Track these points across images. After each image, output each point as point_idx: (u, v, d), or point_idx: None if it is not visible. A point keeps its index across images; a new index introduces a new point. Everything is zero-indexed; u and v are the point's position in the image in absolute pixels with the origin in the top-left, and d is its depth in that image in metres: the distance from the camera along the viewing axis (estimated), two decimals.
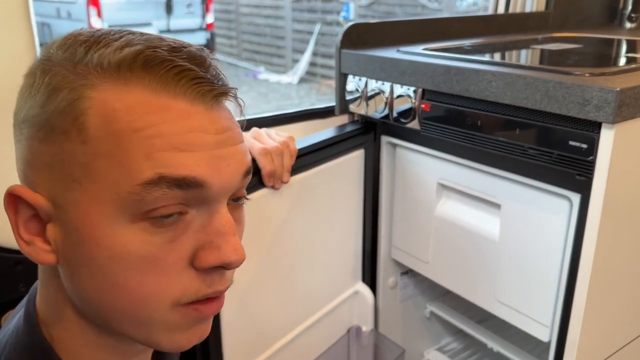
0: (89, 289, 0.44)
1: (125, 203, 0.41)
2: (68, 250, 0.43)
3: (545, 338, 0.93)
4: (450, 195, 1.07)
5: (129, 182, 0.41)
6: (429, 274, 1.14)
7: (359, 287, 1.20)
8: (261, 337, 0.99)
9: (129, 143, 0.41)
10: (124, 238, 0.42)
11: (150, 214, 0.41)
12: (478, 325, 1.25)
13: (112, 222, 0.41)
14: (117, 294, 0.43)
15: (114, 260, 0.42)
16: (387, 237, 1.22)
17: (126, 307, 0.44)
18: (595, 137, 0.74)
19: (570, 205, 0.84)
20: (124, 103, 0.41)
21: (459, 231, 1.04)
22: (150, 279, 0.43)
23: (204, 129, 0.43)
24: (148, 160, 0.41)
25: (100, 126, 0.41)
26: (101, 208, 0.41)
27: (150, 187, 0.41)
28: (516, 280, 0.95)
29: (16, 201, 0.43)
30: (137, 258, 0.42)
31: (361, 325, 1.21)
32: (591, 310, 0.84)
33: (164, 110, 0.42)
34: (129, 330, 0.46)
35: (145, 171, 0.40)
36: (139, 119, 0.41)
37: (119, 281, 0.42)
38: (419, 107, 0.97)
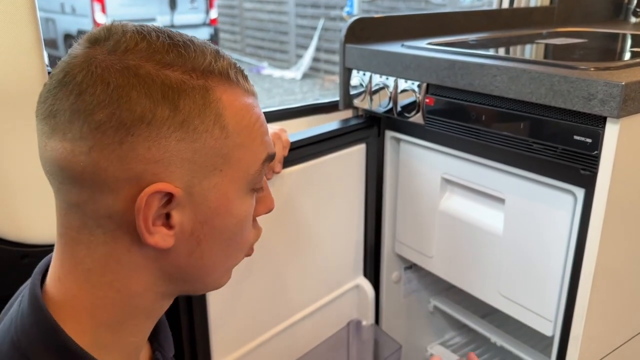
0: (209, 253, 0.54)
1: (252, 178, 0.54)
2: (196, 227, 0.51)
3: (548, 332, 0.93)
4: (454, 189, 1.07)
5: (256, 162, 0.53)
6: (433, 268, 1.14)
7: (360, 282, 1.20)
8: (253, 323, 0.99)
9: (253, 133, 0.53)
10: (246, 206, 0.54)
11: (257, 185, 0.55)
12: (481, 319, 1.25)
13: (241, 196, 0.53)
14: (233, 248, 0.56)
15: (238, 223, 0.54)
16: (391, 232, 1.22)
17: (232, 257, 0.57)
18: (600, 132, 0.74)
19: (575, 200, 0.84)
20: (241, 103, 0.52)
21: (462, 226, 1.04)
22: (250, 231, 0.57)
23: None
24: (262, 144, 0.54)
25: (236, 123, 0.51)
26: (236, 186, 0.52)
27: (264, 165, 0.55)
28: (520, 275, 0.95)
29: (151, 198, 0.48)
30: (248, 218, 0.55)
31: (361, 320, 1.21)
32: (595, 305, 0.84)
33: (255, 106, 0.54)
34: (212, 280, 0.58)
35: (263, 152, 0.54)
36: (252, 114, 0.53)
37: (237, 238, 0.55)
38: (423, 102, 0.97)
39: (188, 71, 0.49)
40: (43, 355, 0.50)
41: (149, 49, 0.48)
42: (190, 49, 0.50)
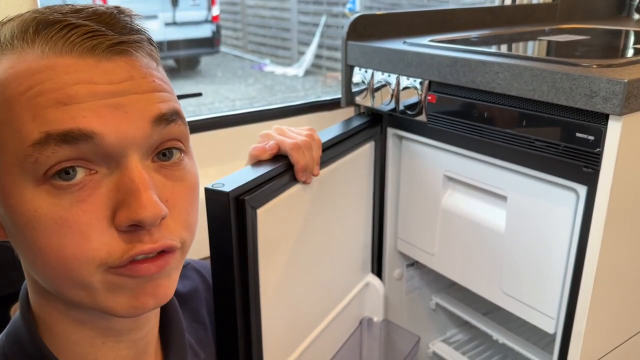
0: (25, 256, 0.45)
1: (24, 167, 0.41)
2: (3, 219, 0.44)
3: (551, 330, 0.93)
4: (456, 187, 1.07)
5: (22, 145, 0.41)
6: (435, 266, 1.14)
7: (370, 279, 1.20)
8: (294, 335, 0.97)
9: (17, 107, 0.41)
10: (33, 202, 0.42)
11: (49, 174, 0.41)
12: (483, 317, 1.25)
13: (20, 188, 0.42)
14: (44, 258, 0.43)
15: (31, 225, 0.42)
16: (393, 229, 1.22)
17: (56, 270, 0.43)
18: (602, 129, 0.74)
19: (577, 197, 0.84)
20: (14, 70, 0.42)
21: (464, 223, 1.04)
22: (68, 242, 0.42)
23: (93, 80, 0.42)
24: (34, 121, 0.40)
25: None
26: (8, 176, 0.42)
27: (40, 147, 0.40)
28: (522, 272, 0.95)
29: None
30: (49, 221, 0.42)
31: (372, 316, 1.21)
32: (597, 302, 0.84)
33: (49, 69, 0.41)
34: (76, 295, 0.45)
35: (33, 132, 0.40)
36: (24, 81, 0.41)
37: (40, 246, 0.42)
38: (426, 99, 0.97)
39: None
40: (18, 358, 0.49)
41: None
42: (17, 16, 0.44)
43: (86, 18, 0.43)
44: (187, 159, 0.49)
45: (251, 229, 0.76)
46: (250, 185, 0.76)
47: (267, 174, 0.79)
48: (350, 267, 1.14)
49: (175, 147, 0.47)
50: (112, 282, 0.44)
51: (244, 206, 0.73)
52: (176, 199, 0.46)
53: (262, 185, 0.78)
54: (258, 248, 0.78)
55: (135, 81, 0.44)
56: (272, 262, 0.84)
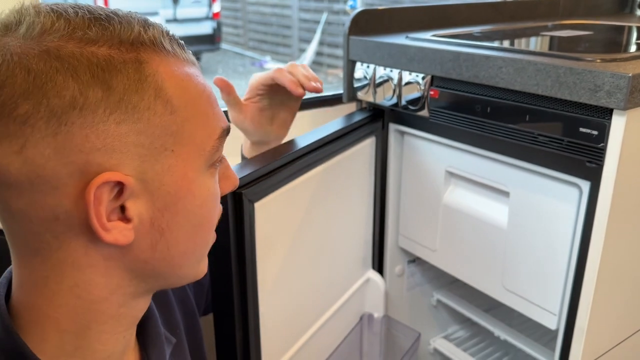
0: (175, 243, 0.49)
1: (209, 156, 0.49)
2: (157, 216, 0.47)
3: (553, 326, 0.93)
4: (458, 183, 1.06)
5: (211, 138, 0.49)
6: (436, 262, 1.14)
7: (370, 275, 1.20)
8: (288, 332, 0.97)
9: (202, 106, 0.48)
10: (207, 184, 0.50)
11: (215, 160, 0.51)
12: (485, 313, 1.24)
13: (200, 175, 0.49)
14: (201, 233, 0.52)
15: (203, 203, 0.50)
16: (395, 225, 1.21)
17: (201, 243, 0.53)
18: (606, 124, 0.74)
19: (580, 192, 0.83)
20: (180, 73, 0.47)
21: (466, 219, 1.04)
22: (216, 210, 0.53)
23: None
24: (215, 117, 0.50)
25: (179, 95, 0.46)
26: (194, 166, 0.48)
27: (222, 139, 0.50)
28: (524, 269, 0.95)
29: (100, 191, 0.43)
30: (214, 196, 0.52)
31: (373, 312, 1.21)
32: (599, 298, 0.84)
33: (197, 75, 0.50)
34: (185, 272, 0.53)
35: (217, 127, 0.50)
36: (197, 84, 0.48)
37: (204, 221, 0.51)
38: (428, 94, 0.97)
39: (115, 45, 0.44)
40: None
41: (68, 26, 0.43)
42: (115, 20, 0.45)
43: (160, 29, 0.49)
44: None
45: (249, 223, 0.75)
46: (248, 178, 0.75)
47: (266, 167, 0.79)
48: (351, 263, 1.14)
49: None
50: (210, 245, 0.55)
51: (242, 200, 0.73)
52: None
53: (261, 179, 0.78)
54: (256, 242, 0.78)
55: None
56: (270, 256, 0.84)
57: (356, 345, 1.21)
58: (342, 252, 1.09)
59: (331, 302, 1.08)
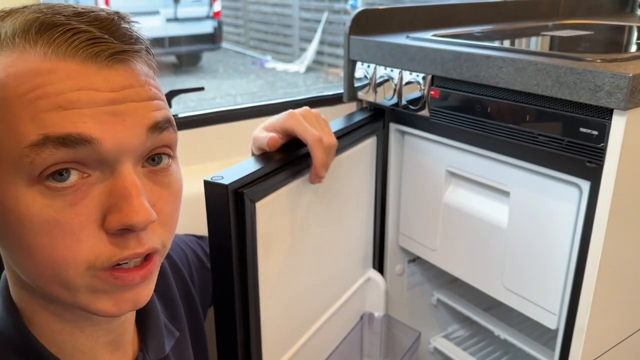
0: (12, 254, 0.46)
1: (19, 166, 0.42)
2: None
3: (552, 326, 0.93)
4: (459, 182, 1.06)
5: (18, 145, 0.41)
6: (437, 261, 1.14)
7: (371, 274, 1.20)
8: (289, 331, 0.97)
9: (16, 107, 0.41)
10: (25, 201, 0.42)
11: (43, 175, 0.42)
12: (485, 312, 1.25)
13: (13, 186, 0.42)
14: (32, 256, 0.44)
15: (21, 223, 0.43)
16: (395, 225, 1.22)
17: (43, 269, 0.44)
18: (606, 124, 0.74)
19: (580, 192, 0.83)
20: (15, 69, 0.42)
21: (467, 219, 1.04)
22: (58, 242, 0.43)
23: (94, 87, 0.43)
24: (33, 122, 0.41)
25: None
26: (2, 175, 0.42)
27: (37, 149, 0.41)
28: (524, 268, 0.95)
29: None
30: (41, 221, 0.42)
31: (373, 312, 1.21)
32: (599, 298, 0.84)
33: (51, 73, 0.42)
34: (58, 293, 0.46)
35: (30, 133, 0.41)
36: (26, 83, 0.42)
37: (30, 245, 0.43)
38: (428, 94, 0.97)
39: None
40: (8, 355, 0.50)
41: None
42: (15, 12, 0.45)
43: (89, 23, 0.44)
44: (174, 165, 0.51)
45: (250, 222, 0.75)
46: (250, 178, 0.76)
47: (267, 167, 0.79)
48: (351, 263, 1.14)
49: (165, 153, 0.49)
50: (95, 285, 0.46)
51: (243, 199, 0.73)
52: (162, 204, 0.48)
53: (262, 178, 0.78)
54: (257, 241, 0.78)
55: (134, 89, 0.45)
56: (271, 256, 0.84)
57: (357, 344, 1.21)
58: (342, 252, 1.09)
59: (332, 302, 1.08)
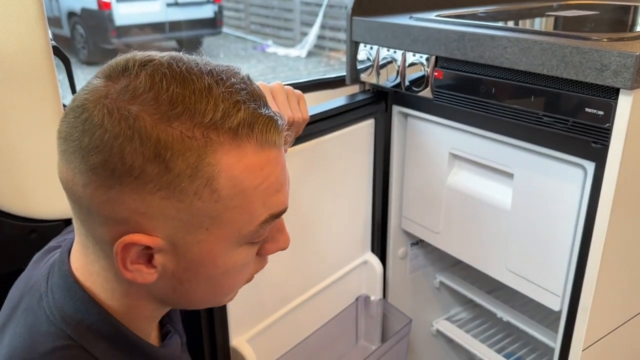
0: (193, 292, 0.54)
1: (244, 238, 0.52)
2: (179, 271, 0.52)
3: (556, 307, 0.93)
4: (462, 165, 1.06)
5: (251, 224, 0.51)
6: (440, 244, 1.14)
7: (368, 257, 1.20)
8: (267, 301, 1.00)
9: (252, 197, 0.50)
10: (235, 258, 0.53)
11: (254, 240, 0.53)
12: (488, 295, 1.25)
13: (229, 250, 0.52)
14: (220, 290, 0.56)
15: (226, 272, 0.54)
16: (398, 208, 1.21)
17: (220, 295, 0.57)
18: (612, 104, 0.73)
19: (585, 173, 0.83)
20: (244, 164, 0.49)
21: (470, 201, 1.04)
22: (242, 275, 0.56)
23: (283, 164, 0.54)
24: (264, 206, 0.51)
25: (230, 187, 0.48)
26: (224, 243, 0.51)
27: (264, 225, 0.52)
28: (528, 250, 0.95)
29: (129, 246, 0.49)
30: (239, 267, 0.54)
31: (369, 295, 1.21)
32: (604, 278, 0.83)
33: (269, 163, 0.51)
34: (205, 306, 0.60)
35: (262, 215, 0.52)
36: (258, 176, 0.50)
37: (225, 284, 0.55)
38: (432, 75, 0.96)
39: (192, 128, 0.46)
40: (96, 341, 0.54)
41: (155, 100, 0.46)
42: (204, 100, 0.47)
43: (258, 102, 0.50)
44: None
45: None
46: None
47: None
48: (345, 242, 1.14)
49: None
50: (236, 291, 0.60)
51: None
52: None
53: None
54: None
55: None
56: None
57: (351, 325, 1.22)
58: (335, 230, 1.10)
59: (320, 278, 1.09)
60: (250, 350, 0.94)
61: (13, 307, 0.59)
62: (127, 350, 0.56)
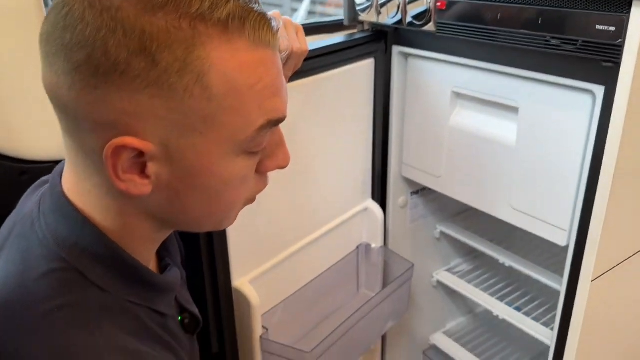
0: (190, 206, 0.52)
1: (241, 144, 0.49)
2: (175, 181, 0.49)
3: (563, 242, 0.91)
4: (465, 104, 1.03)
5: (247, 129, 0.49)
6: (442, 188, 1.12)
7: (369, 204, 1.18)
8: (268, 244, 0.98)
9: (247, 97, 0.47)
10: (234, 168, 0.51)
11: (253, 149, 0.51)
12: (490, 242, 1.23)
13: (226, 158, 0.49)
14: (218, 205, 0.53)
15: (224, 183, 0.51)
16: (398, 155, 1.19)
17: (219, 212, 0.54)
18: (624, 18, 0.71)
19: (594, 100, 0.81)
20: (237, 61, 0.46)
21: (473, 140, 1.01)
22: (242, 190, 0.54)
23: (280, 70, 0.51)
24: (260, 109, 0.49)
25: (222, 85, 0.46)
26: (220, 150, 0.49)
27: (261, 131, 0.50)
28: (533, 186, 0.93)
29: (119, 150, 0.46)
30: (239, 178, 0.52)
31: (370, 243, 1.20)
32: (613, 208, 0.82)
33: (263, 63, 0.48)
34: (204, 227, 0.57)
35: (259, 119, 0.49)
36: (252, 75, 0.47)
37: (222, 197, 0.52)
38: (435, 6, 0.93)
39: (177, 18, 0.44)
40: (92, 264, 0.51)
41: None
42: None
43: (253, 1, 0.48)
44: None
45: None
46: None
47: None
48: (346, 188, 1.12)
49: None
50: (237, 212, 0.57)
51: None
52: None
53: None
54: None
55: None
56: None
57: (353, 274, 1.20)
58: (336, 175, 1.08)
59: (321, 223, 1.08)
60: (253, 291, 0.92)
61: (5, 237, 0.57)
62: (124, 275, 0.53)
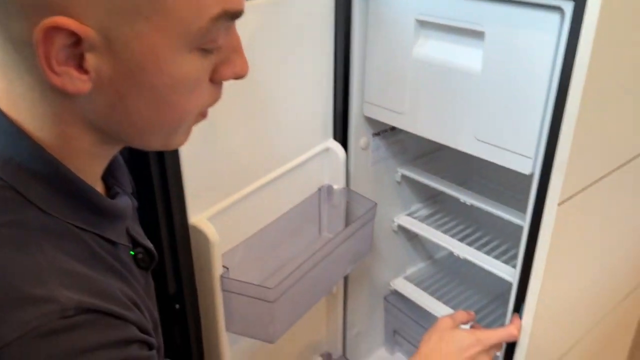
0: (135, 111, 0.47)
1: (193, 36, 0.45)
2: (117, 78, 0.44)
3: (527, 170, 0.90)
4: (429, 33, 1.00)
5: (199, 17, 0.44)
6: (405, 125, 1.09)
7: (330, 144, 1.14)
8: (227, 180, 0.93)
9: None
10: (185, 66, 0.46)
11: (207, 45, 0.47)
12: (450, 183, 1.22)
13: (176, 54, 0.45)
14: (166, 111, 0.48)
15: (174, 85, 0.46)
16: (359, 94, 1.15)
17: (168, 121, 0.49)
18: None
19: (562, 17, 0.78)
20: None
21: (437, 72, 0.98)
22: (194, 97, 0.49)
23: None
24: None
25: None
26: (169, 41, 0.44)
27: (216, 22, 0.45)
28: (498, 114, 0.91)
29: (52, 33, 0.41)
30: (191, 81, 0.47)
31: (332, 184, 1.16)
32: (581, 132, 0.80)
33: None
34: (151, 141, 0.52)
35: (213, 7, 0.44)
36: None
37: (172, 101, 0.48)
38: None
39: None
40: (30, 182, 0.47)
41: None
42: None
43: None
44: None
45: None
46: None
47: None
48: (306, 125, 1.08)
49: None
50: (189, 125, 0.53)
51: None
52: None
53: None
54: None
55: None
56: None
57: (314, 217, 1.17)
58: (296, 110, 1.03)
59: (281, 161, 1.04)
60: (211, 227, 0.87)
61: None
62: (68, 195, 0.49)
